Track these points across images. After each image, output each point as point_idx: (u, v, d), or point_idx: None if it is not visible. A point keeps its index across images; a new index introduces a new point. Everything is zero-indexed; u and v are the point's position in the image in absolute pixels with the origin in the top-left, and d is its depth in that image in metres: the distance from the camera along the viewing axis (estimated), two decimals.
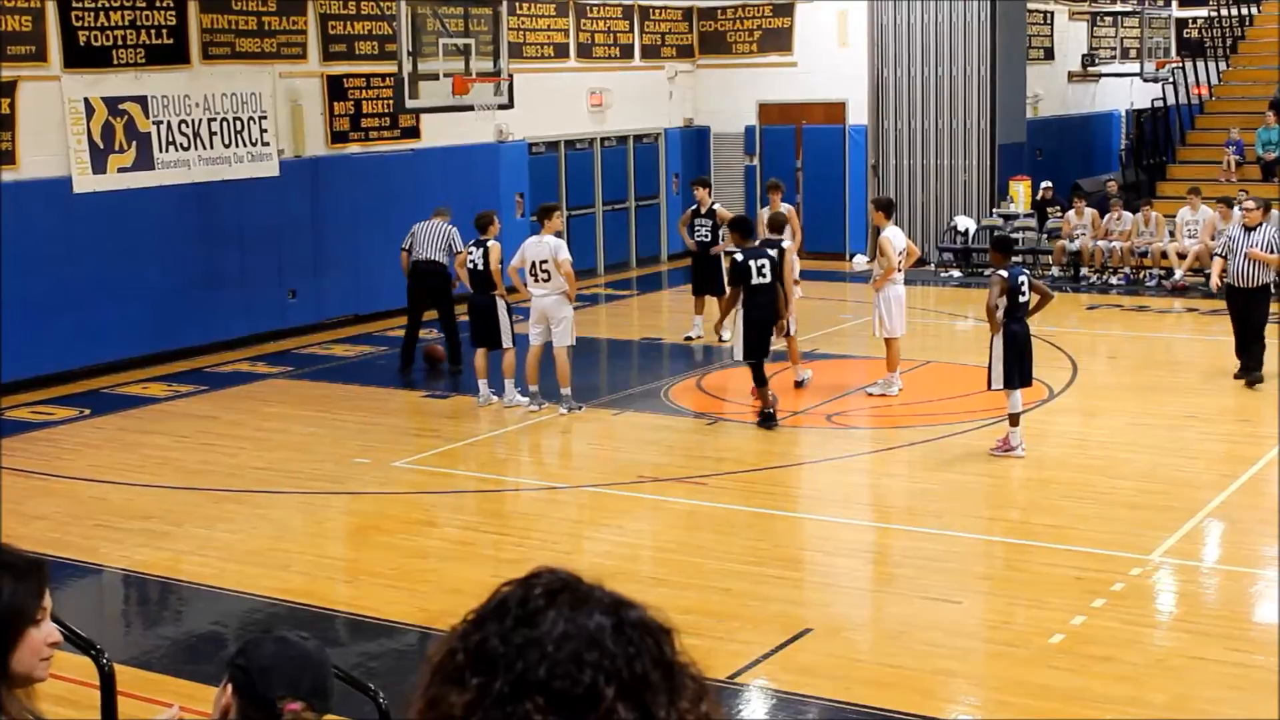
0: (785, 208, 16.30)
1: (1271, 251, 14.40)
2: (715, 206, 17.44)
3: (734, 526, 10.45)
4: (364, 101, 19.13)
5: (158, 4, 16.42)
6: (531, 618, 1.46)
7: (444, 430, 13.58)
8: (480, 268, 14.05)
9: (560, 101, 22.08)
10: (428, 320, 16.37)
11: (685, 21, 24.91)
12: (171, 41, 16.62)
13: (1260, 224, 14.56)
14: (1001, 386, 12.05)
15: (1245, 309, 14.49)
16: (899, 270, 14.28)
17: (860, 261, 16.06)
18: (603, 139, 23.32)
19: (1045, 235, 22.38)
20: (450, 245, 15.77)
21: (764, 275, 13.09)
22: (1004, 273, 12.04)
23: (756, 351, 13.13)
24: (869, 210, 15.55)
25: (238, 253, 17.54)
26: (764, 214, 17.10)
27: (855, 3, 23.58)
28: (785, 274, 13.62)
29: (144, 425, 13.93)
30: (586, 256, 22.24)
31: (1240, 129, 23.22)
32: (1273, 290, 14.87)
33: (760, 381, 13.18)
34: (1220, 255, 15.10)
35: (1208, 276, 20.56)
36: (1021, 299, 11.96)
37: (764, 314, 13.12)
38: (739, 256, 13.28)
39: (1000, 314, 11.92)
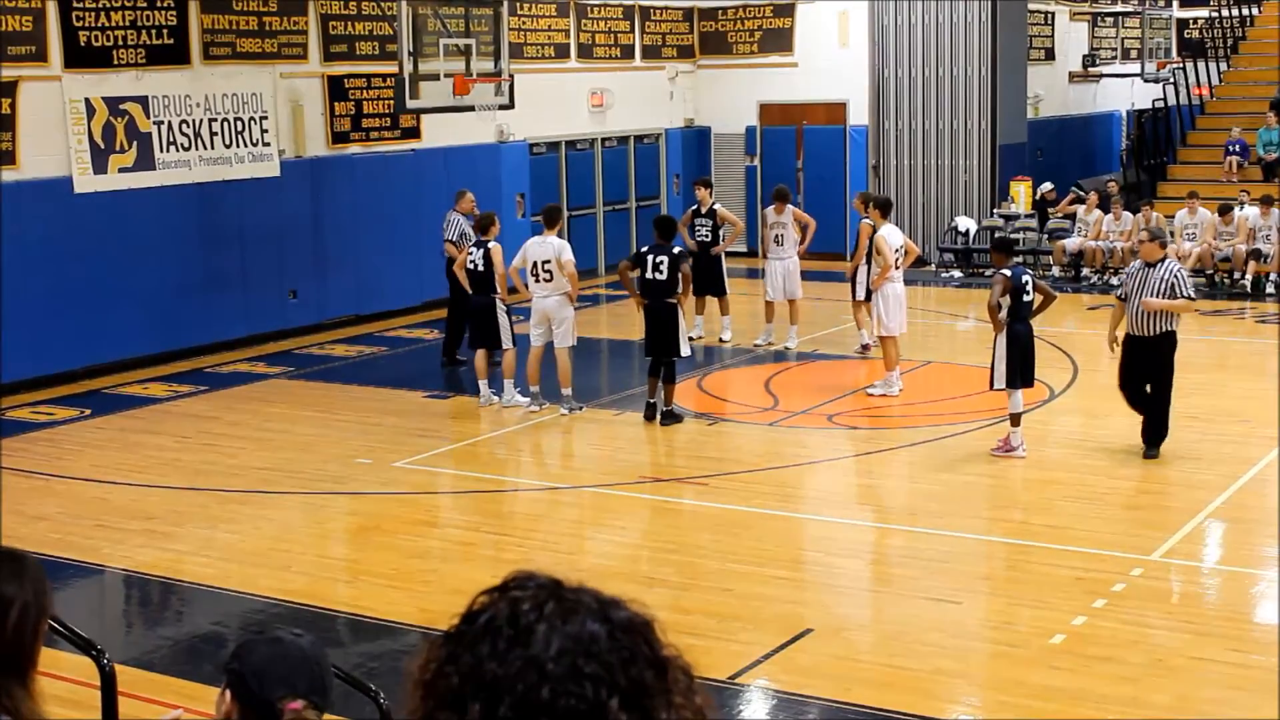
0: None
1: (1173, 294, 11.69)
2: (716, 206, 17.44)
3: (734, 526, 10.45)
4: (365, 102, 19.13)
5: (158, 4, 16.43)
6: (525, 635, 1.44)
7: (445, 431, 13.58)
8: (480, 269, 14.04)
9: (561, 102, 22.09)
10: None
11: (686, 22, 24.92)
12: (172, 42, 16.62)
13: (1162, 259, 11.90)
14: (1003, 386, 12.05)
15: (1146, 363, 11.89)
16: (896, 268, 14.30)
17: None
18: (603, 139, 23.32)
19: (1046, 235, 22.38)
20: (458, 235, 15.73)
21: (660, 272, 13.30)
22: (1006, 271, 12.06)
23: (648, 348, 13.55)
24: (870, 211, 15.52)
25: (238, 253, 17.54)
26: (768, 214, 17.17)
27: (856, 3, 23.59)
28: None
29: (145, 425, 13.94)
30: (587, 257, 22.23)
31: (1241, 129, 23.23)
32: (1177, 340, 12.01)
33: (653, 372, 13.51)
34: (1120, 299, 12.17)
35: (1209, 277, 20.63)
36: (1026, 298, 11.98)
37: (651, 310, 13.39)
38: (644, 248, 13.76)
39: (1004, 314, 11.93)
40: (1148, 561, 9.44)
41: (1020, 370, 12.02)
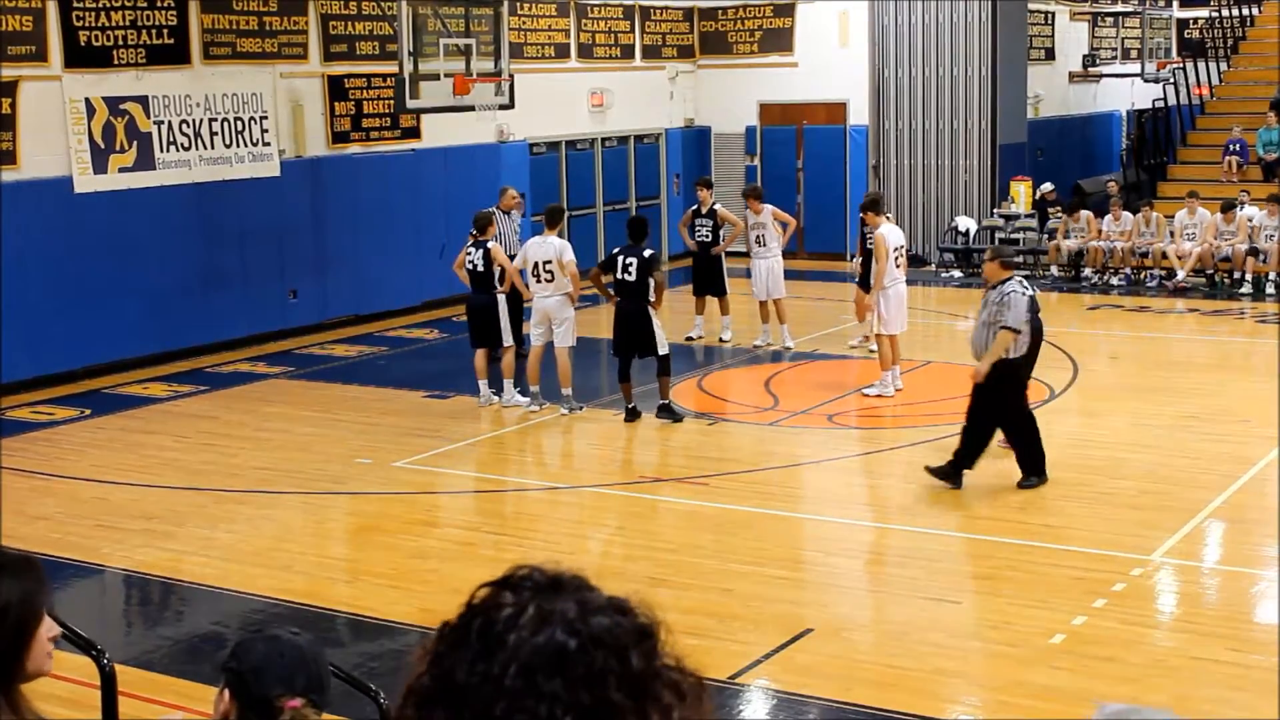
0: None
1: (998, 317, 10.82)
2: (716, 207, 17.45)
3: (734, 526, 10.45)
4: (365, 102, 19.13)
5: (159, 4, 16.43)
6: (491, 649, 1.42)
7: (445, 430, 13.57)
8: (480, 269, 14.04)
9: (561, 102, 22.08)
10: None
11: (686, 22, 24.92)
12: (172, 41, 16.62)
13: (1001, 280, 11.00)
14: None
15: (977, 390, 11.07)
16: (897, 267, 14.32)
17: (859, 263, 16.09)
18: (603, 139, 23.32)
19: (1046, 235, 22.37)
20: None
21: (629, 273, 13.32)
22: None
23: (615, 347, 13.60)
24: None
25: (239, 253, 17.54)
26: (746, 215, 17.11)
27: (856, 3, 23.59)
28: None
29: (145, 425, 13.94)
30: (588, 257, 22.16)
31: (1241, 129, 23.22)
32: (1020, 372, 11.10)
33: (623, 378, 13.51)
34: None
35: (1209, 277, 20.64)
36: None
37: (621, 310, 13.46)
38: (615, 250, 13.79)
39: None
40: (1148, 561, 9.44)
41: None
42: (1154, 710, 2.24)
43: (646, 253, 13.46)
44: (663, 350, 13.47)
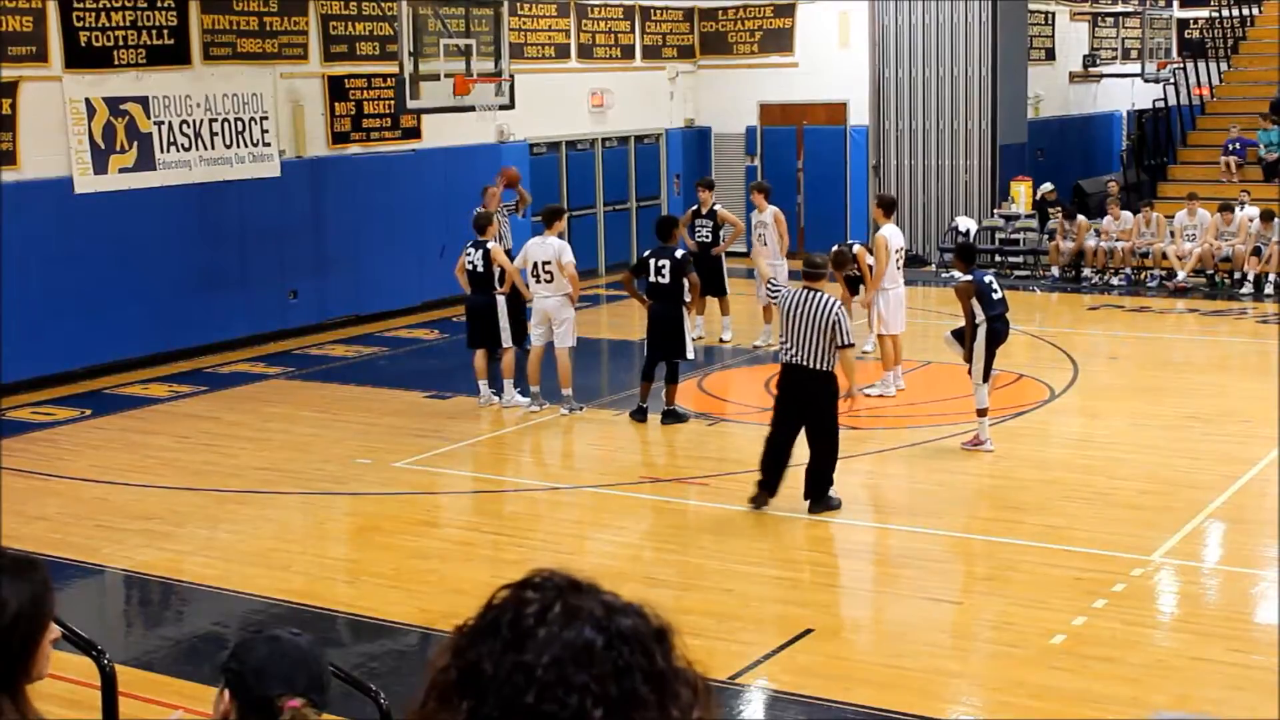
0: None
1: (833, 332, 10.09)
2: (716, 207, 17.44)
3: (734, 526, 10.45)
4: (365, 102, 19.13)
5: (159, 4, 16.43)
6: (522, 640, 1.46)
7: (445, 431, 13.57)
8: (480, 270, 14.04)
9: (561, 102, 22.08)
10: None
11: (686, 22, 24.92)
12: (173, 42, 16.62)
13: (815, 288, 10.34)
14: (981, 382, 12.12)
15: (802, 400, 10.47)
16: (899, 269, 14.32)
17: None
18: (604, 139, 23.32)
19: (1046, 236, 22.37)
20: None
21: (662, 275, 13.26)
22: (968, 276, 12.13)
23: (649, 349, 13.48)
24: (871, 208, 15.57)
25: (239, 253, 17.55)
26: (753, 215, 17.12)
27: (856, 3, 23.59)
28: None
29: (145, 426, 13.94)
30: (588, 257, 22.23)
31: (1241, 129, 23.22)
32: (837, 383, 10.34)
33: (646, 377, 13.47)
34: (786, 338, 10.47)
35: (1209, 277, 20.64)
36: (995, 296, 12.05)
37: (655, 313, 13.34)
38: (646, 252, 13.72)
39: (980, 318, 12.00)
40: (1148, 562, 9.44)
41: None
42: (1206, 717, 2.25)
43: (678, 253, 13.42)
44: (689, 355, 13.48)
